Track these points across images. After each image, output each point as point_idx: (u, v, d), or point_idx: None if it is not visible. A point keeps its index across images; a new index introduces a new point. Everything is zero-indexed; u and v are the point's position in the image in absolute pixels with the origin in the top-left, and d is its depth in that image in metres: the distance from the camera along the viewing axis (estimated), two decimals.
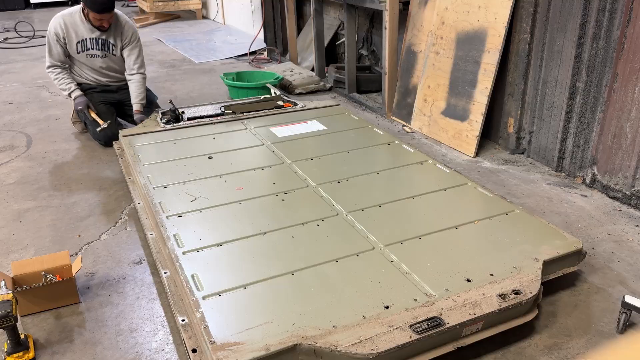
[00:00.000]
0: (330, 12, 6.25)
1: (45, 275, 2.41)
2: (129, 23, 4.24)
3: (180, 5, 10.08)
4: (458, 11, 3.95)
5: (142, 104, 4.25)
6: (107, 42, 4.17)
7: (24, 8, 12.02)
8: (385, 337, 1.84)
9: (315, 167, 3.21)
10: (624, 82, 3.00)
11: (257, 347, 1.80)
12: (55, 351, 2.14)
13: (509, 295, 2.03)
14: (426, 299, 2.03)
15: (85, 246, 2.86)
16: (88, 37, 4.10)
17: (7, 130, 4.64)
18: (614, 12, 2.98)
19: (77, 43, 4.09)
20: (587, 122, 3.30)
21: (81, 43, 4.10)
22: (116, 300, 2.43)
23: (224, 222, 2.61)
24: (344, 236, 2.47)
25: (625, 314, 2.12)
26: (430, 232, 2.48)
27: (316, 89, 5.54)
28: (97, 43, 4.14)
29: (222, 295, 2.08)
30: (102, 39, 4.14)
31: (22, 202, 3.35)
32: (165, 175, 3.13)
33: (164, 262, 2.43)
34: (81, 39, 4.09)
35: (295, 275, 2.19)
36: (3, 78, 6.38)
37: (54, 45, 4.08)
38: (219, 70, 6.48)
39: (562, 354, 2.05)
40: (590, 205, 3.14)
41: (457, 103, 3.97)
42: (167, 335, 2.21)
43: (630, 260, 2.61)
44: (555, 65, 3.42)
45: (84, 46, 4.11)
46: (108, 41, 4.17)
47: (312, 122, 3.95)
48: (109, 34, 4.15)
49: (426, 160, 3.27)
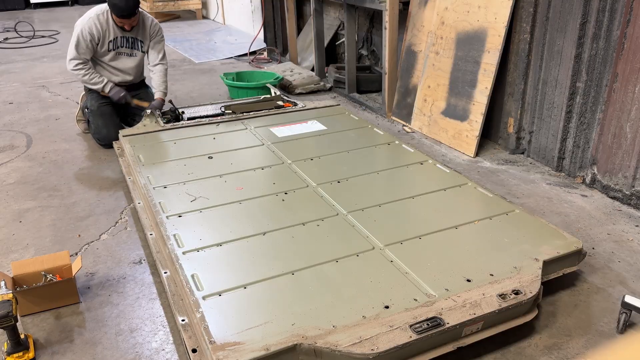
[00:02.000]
0: (330, 12, 6.25)
1: (45, 275, 2.41)
2: (154, 20, 4.30)
3: (180, 5, 10.08)
4: (458, 11, 3.95)
5: (164, 92, 4.27)
6: (137, 40, 4.20)
7: (24, 8, 12.01)
8: (385, 337, 1.84)
9: (315, 167, 3.21)
10: (624, 82, 3.00)
11: (257, 347, 1.80)
12: (55, 351, 2.14)
13: (509, 295, 2.03)
14: (426, 299, 2.03)
15: (85, 246, 2.86)
16: (120, 36, 4.12)
17: (7, 130, 4.63)
18: (614, 12, 2.98)
19: (110, 42, 4.11)
20: (587, 122, 3.30)
21: (113, 42, 4.12)
22: (116, 300, 2.43)
23: (224, 222, 2.61)
24: (344, 236, 2.47)
25: (625, 314, 2.12)
26: (430, 232, 2.48)
27: (316, 89, 5.54)
28: (128, 41, 4.17)
29: (222, 295, 2.08)
30: (132, 37, 4.17)
31: (22, 202, 3.35)
32: (165, 175, 3.13)
33: (164, 262, 2.43)
34: (114, 38, 4.11)
35: (295, 275, 2.19)
36: (3, 78, 6.38)
37: (86, 43, 4.02)
38: (219, 70, 6.48)
39: (562, 354, 2.05)
40: (590, 205, 3.14)
41: (457, 103, 3.97)
42: (167, 335, 2.21)
43: (630, 260, 2.61)
44: (555, 65, 3.42)
45: (115, 44, 4.13)
46: (137, 39, 4.20)
47: (312, 122, 3.95)
48: (138, 32, 4.18)
49: (426, 160, 3.27)
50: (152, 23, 4.25)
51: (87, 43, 4.02)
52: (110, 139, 4.04)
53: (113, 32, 4.09)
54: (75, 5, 12.33)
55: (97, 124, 4.13)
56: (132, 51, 4.23)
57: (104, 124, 4.12)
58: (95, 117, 4.13)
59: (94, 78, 4.11)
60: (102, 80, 4.12)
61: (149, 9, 9.71)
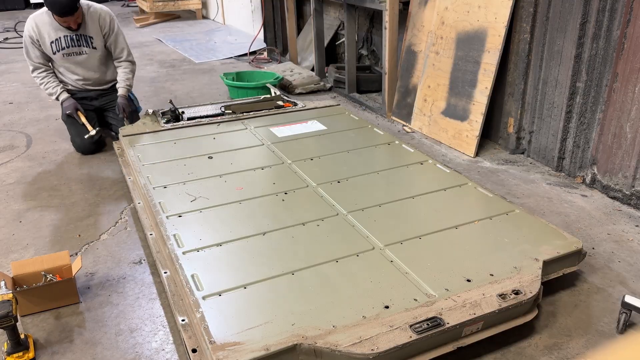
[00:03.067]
0: (330, 12, 6.25)
1: (45, 275, 2.41)
2: (104, 10, 3.97)
3: (180, 5, 10.08)
4: (458, 11, 3.95)
5: (127, 88, 4.09)
6: (84, 37, 3.90)
7: (24, 8, 12.02)
8: (385, 337, 1.84)
9: (315, 167, 3.21)
10: (624, 82, 3.00)
11: (257, 347, 1.80)
12: (55, 351, 2.14)
13: (509, 295, 2.03)
14: (426, 299, 2.03)
15: (85, 246, 2.86)
16: (62, 35, 3.83)
17: (7, 130, 4.64)
18: (614, 12, 2.98)
19: (51, 43, 3.84)
20: (587, 122, 3.30)
21: (56, 43, 3.85)
22: (116, 300, 2.43)
23: (224, 222, 2.61)
24: (344, 236, 2.47)
25: (625, 314, 2.12)
26: (430, 232, 2.48)
27: (316, 89, 5.54)
28: (73, 40, 3.87)
29: (222, 295, 2.08)
30: (78, 34, 3.87)
31: (22, 202, 3.35)
32: (165, 175, 3.13)
33: (164, 262, 2.43)
34: (55, 38, 3.84)
35: (295, 275, 2.19)
36: (3, 78, 6.38)
37: (31, 48, 3.86)
38: (219, 70, 6.48)
39: (562, 354, 2.05)
40: (590, 205, 3.14)
41: (457, 103, 3.97)
42: (167, 335, 2.21)
43: (630, 260, 2.61)
44: (555, 65, 3.42)
45: (58, 46, 3.86)
46: (85, 35, 3.89)
47: (312, 122, 3.95)
48: (84, 28, 3.89)
49: (426, 160, 3.27)
50: (101, 14, 3.92)
51: (28, 47, 3.84)
52: (85, 147, 3.93)
53: (54, 33, 3.82)
54: None
55: (70, 132, 4.04)
56: (80, 49, 3.92)
57: (76, 133, 3.98)
58: (68, 126, 4.04)
59: (49, 87, 3.94)
60: (55, 90, 3.94)
61: (149, 9, 9.71)
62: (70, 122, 4.03)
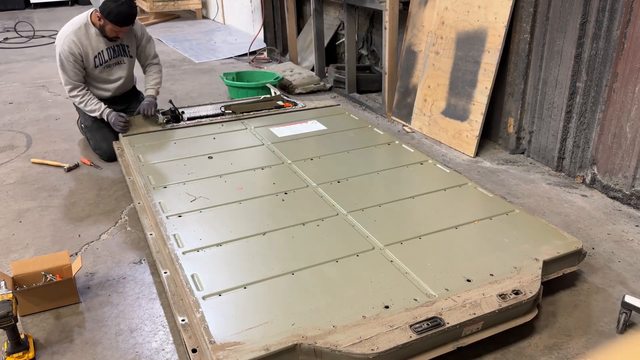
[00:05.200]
0: (330, 12, 6.25)
1: (45, 275, 2.41)
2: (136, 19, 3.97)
3: (180, 5, 10.08)
4: (458, 11, 3.95)
5: (156, 89, 4.10)
6: (122, 47, 3.94)
7: (24, 8, 12.01)
8: (385, 337, 1.84)
9: (315, 167, 3.21)
10: (624, 82, 3.00)
11: (257, 347, 1.80)
12: (55, 351, 2.14)
13: (509, 295, 2.03)
14: (426, 299, 2.03)
15: (85, 246, 2.86)
16: (104, 48, 3.83)
17: (7, 130, 4.63)
18: (614, 12, 2.98)
19: (95, 57, 3.81)
20: (587, 122, 3.30)
21: (99, 56, 3.83)
22: (116, 300, 2.43)
23: (224, 222, 2.61)
24: (344, 236, 2.47)
25: (625, 314, 2.12)
26: (430, 232, 2.48)
27: (316, 89, 5.54)
28: (115, 51, 3.90)
29: (222, 295, 2.08)
30: (117, 45, 3.90)
31: (22, 202, 3.35)
32: (165, 175, 3.13)
33: (164, 262, 2.42)
34: (98, 52, 3.82)
35: (295, 275, 2.19)
36: (3, 78, 6.38)
37: (71, 65, 3.72)
38: (219, 70, 6.48)
39: (562, 354, 2.05)
40: (590, 205, 3.14)
41: (457, 103, 3.97)
42: (167, 335, 2.21)
43: (630, 260, 2.61)
44: (555, 65, 3.42)
45: (101, 59, 3.85)
46: (123, 45, 3.93)
47: (312, 122, 3.95)
48: (124, 38, 3.91)
49: (426, 160, 3.27)
50: (135, 23, 3.94)
51: (71, 64, 3.71)
52: (111, 151, 3.86)
53: (97, 46, 3.79)
54: (75, 5, 12.33)
55: (95, 139, 3.97)
56: (121, 59, 3.96)
57: (102, 138, 3.93)
58: (92, 133, 3.97)
59: (90, 105, 3.85)
60: (99, 107, 3.85)
61: (149, 9, 9.70)
62: (95, 127, 3.95)
